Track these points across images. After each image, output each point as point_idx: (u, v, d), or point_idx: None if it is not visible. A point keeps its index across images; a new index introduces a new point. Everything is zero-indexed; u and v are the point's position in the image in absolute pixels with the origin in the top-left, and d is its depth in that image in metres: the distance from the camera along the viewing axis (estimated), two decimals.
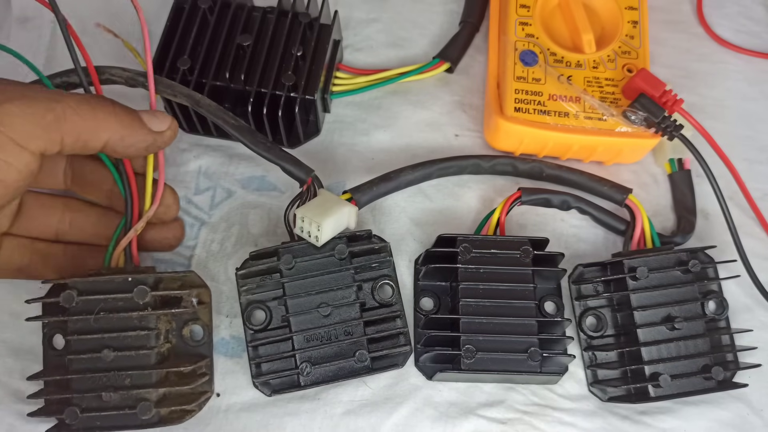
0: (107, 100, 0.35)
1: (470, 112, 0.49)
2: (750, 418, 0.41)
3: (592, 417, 0.41)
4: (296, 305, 0.39)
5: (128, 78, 0.40)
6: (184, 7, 0.45)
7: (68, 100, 0.33)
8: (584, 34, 0.45)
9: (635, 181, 0.47)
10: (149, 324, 0.37)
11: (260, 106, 0.43)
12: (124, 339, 0.37)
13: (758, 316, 0.44)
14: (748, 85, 0.51)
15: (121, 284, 0.37)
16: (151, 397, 0.37)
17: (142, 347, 0.37)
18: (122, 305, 0.37)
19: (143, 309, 0.37)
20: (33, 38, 0.48)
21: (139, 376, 0.37)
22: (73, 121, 0.33)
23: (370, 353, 0.38)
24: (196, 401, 0.39)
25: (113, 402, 0.36)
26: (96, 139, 0.34)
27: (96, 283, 0.37)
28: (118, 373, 0.36)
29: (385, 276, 0.41)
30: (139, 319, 0.37)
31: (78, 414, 0.36)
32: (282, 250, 0.39)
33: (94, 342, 0.37)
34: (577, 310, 0.43)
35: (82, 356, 0.37)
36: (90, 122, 0.34)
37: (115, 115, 0.35)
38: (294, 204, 0.41)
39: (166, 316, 0.39)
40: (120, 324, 0.37)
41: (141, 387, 0.37)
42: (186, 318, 0.40)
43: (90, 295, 0.37)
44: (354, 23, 0.51)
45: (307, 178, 0.40)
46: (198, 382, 0.39)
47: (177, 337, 0.40)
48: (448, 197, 0.46)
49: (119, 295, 0.37)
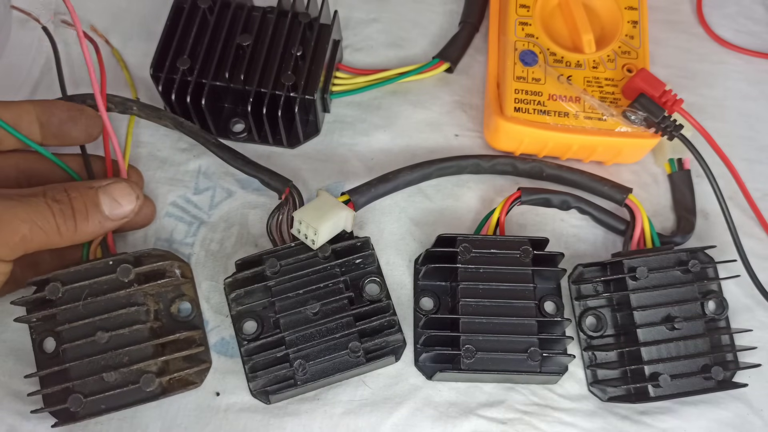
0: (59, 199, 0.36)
1: (470, 112, 0.49)
2: (750, 418, 0.41)
3: (592, 417, 0.41)
4: (285, 306, 0.39)
5: (118, 103, 0.42)
6: (183, 7, 0.45)
7: (8, 211, 0.34)
8: (584, 34, 0.45)
9: (635, 181, 0.47)
10: (138, 300, 0.38)
11: (260, 105, 0.43)
12: (115, 319, 0.38)
13: (758, 316, 0.44)
14: (748, 85, 0.51)
15: (104, 268, 0.38)
16: (151, 369, 0.37)
17: (134, 322, 0.38)
18: (108, 287, 0.38)
19: (129, 286, 0.38)
20: (33, 39, 0.48)
21: (137, 351, 0.37)
22: (37, 237, 0.35)
23: (363, 344, 0.39)
24: (196, 369, 0.39)
25: (115, 381, 0.37)
26: (56, 247, 0.37)
27: (78, 272, 0.38)
28: (115, 353, 0.37)
29: (370, 273, 0.42)
30: (127, 297, 0.38)
31: (82, 399, 0.37)
32: (266, 256, 0.40)
33: (86, 327, 0.37)
34: (577, 310, 0.43)
35: (76, 342, 0.37)
36: (47, 240, 0.36)
37: (65, 225, 0.36)
38: (275, 215, 0.42)
39: (152, 294, 0.40)
40: (109, 305, 0.38)
41: (140, 361, 0.37)
42: (172, 295, 0.41)
43: (74, 283, 0.38)
44: (354, 23, 0.51)
45: (285, 188, 0.42)
46: (194, 350, 0.39)
47: (166, 316, 0.41)
48: (448, 197, 0.46)
49: (103, 278, 0.38)
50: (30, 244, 0.35)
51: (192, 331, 0.40)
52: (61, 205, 0.36)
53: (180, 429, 0.40)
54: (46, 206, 0.36)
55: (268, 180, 0.42)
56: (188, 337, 0.40)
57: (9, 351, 0.41)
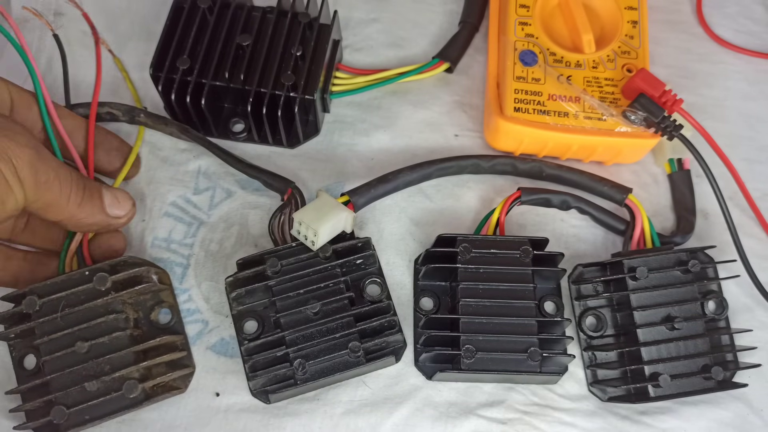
0: (76, 177, 0.38)
1: (470, 112, 0.49)
2: (750, 418, 0.41)
3: (592, 417, 0.41)
4: (285, 306, 0.39)
5: (125, 111, 0.44)
6: (183, 6, 0.45)
7: (44, 150, 0.36)
8: (584, 34, 0.45)
9: (635, 181, 0.47)
10: (116, 307, 0.38)
11: (260, 105, 0.43)
12: (95, 328, 0.38)
13: (758, 316, 0.44)
14: (748, 85, 0.51)
15: (80, 278, 0.38)
16: (134, 376, 0.37)
17: (114, 330, 0.38)
18: (85, 297, 0.38)
19: (106, 294, 0.38)
20: (33, 39, 0.48)
21: (118, 358, 0.37)
22: (54, 187, 0.36)
23: (363, 344, 0.39)
24: (179, 374, 0.39)
25: (98, 390, 0.37)
26: (55, 214, 0.37)
27: (55, 284, 0.38)
28: (96, 361, 0.37)
29: (371, 274, 0.42)
30: (105, 305, 0.38)
31: (65, 411, 0.36)
32: (267, 255, 0.40)
33: (65, 338, 0.37)
34: (577, 310, 0.43)
35: (56, 354, 0.37)
36: (57, 198, 0.37)
37: (76, 195, 0.37)
38: (277, 216, 0.42)
39: (130, 302, 0.40)
40: (87, 314, 0.38)
41: (121, 368, 0.37)
42: (151, 303, 0.41)
43: (51, 295, 0.38)
44: (354, 23, 0.51)
45: (287, 189, 0.42)
46: (177, 354, 0.39)
47: (147, 324, 0.41)
48: (448, 197, 0.46)
49: (80, 288, 0.38)
50: (46, 192, 0.36)
51: (173, 336, 0.40)
52: (79, 176, 0.38)
53: (180, 429, 0.40)
54: (70, 169, 0.38)
55: (271, 181, 0.43)
56: (169, 343, 0.40)
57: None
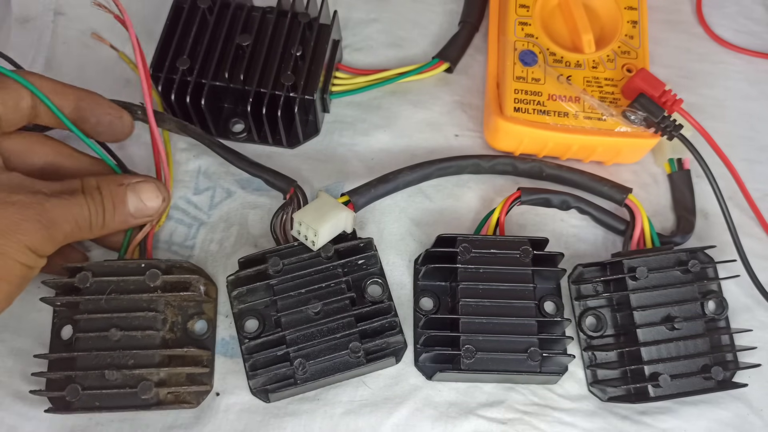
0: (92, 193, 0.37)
1: (470, 112, 0.49)
2: (750, 418, 0.41)
3: (592, 417, 0.41)
4: (286, 305, 0.39)
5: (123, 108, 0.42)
6: (183, 6, 0.45)
7: (55, 210, 0.35)
8: (584, 34, 0.45)
9: (635, 181, 0.47)
10: (157, 307, 0.39)
11: (259, 105, 0.43)
12: (132, 319, 0.38)
13: (758, 316, 0.44)
14: (748, 85, 0.51)
15: (135, 268, 0.39)
16: (152, 378, 0.37)
17: (148, 328, 0.38)
18: (133, 288, 0.38)
19: (153, 291, 0.38)
20: (33, 39, 0.48)
21: (143, 356, 0.38)
22: (74, 233, 0.37)
23: (364, 345, 0.39)
24: (195, 389, 0.39)
25: (115, 381, 0.37)
26: (85, 238, 0.38)
27: (110, 266, 0.39)
28: (122, 352, 0.37)
29: (372, 275, 0.42)
30: (148, 301, 0.38)
31: (79, 391, 0.37)
32: (269, 254, 0.40)
33: (102, 321, 0.38)
34: (577, 310, 0.43)
35: (89, 334, 0.38)
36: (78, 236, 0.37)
37: (97, 221, 0.37)
38: (279, 215, 0.42)
39: (173, 305, 0.40)
40: (129, 304, 0.38)
41: (143, 367, 0.37)
42: (192, 311, 0.41)
43: (104, 276, 0.38)
44: (354, 23, 0.51)
45: (289, 188, 0.42)
46: (199, 369, 0.39)
47: (181, 331, 0.41)
48: (448, 197, 0.46)
49: (131, 278, 0.38)
50: (68, 239, 0.37)
51: (201, 351, 0.40)
52: (95, 202, 0.37)
53: (180, 429, 0.40)
54: (85, 204, 0.37)
55: (273, 180, 0.43)
56: (196, 356, 0.40)
57: (9, 351, 0.41)
